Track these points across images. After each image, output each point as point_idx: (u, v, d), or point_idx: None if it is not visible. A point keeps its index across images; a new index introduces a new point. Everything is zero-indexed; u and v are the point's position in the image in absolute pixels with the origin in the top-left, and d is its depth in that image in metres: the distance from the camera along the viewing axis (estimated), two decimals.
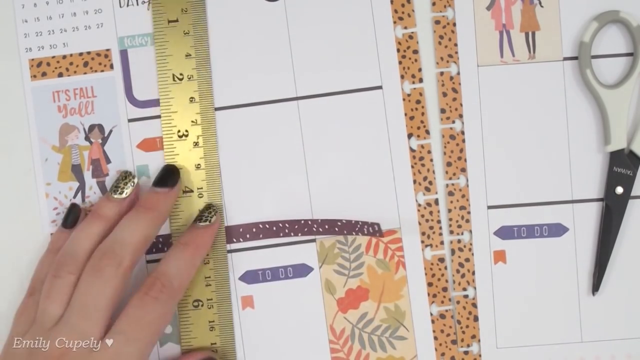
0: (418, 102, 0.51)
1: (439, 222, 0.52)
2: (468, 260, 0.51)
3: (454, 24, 0.51)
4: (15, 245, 0.52)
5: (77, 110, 0.52)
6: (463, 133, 0.51)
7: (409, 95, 0.51)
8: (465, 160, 0.51)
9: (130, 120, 0.52)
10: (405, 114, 0.51)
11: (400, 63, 0.51)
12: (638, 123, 0.51)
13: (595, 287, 0.51)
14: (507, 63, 0.51)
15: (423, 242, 0.51)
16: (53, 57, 0.52)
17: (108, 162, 0.52)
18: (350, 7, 0.51)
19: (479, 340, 0.52)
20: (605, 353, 0.51)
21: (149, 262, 0.52)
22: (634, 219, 0.51)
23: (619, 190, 0.50)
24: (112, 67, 0.52)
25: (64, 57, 0.52)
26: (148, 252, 0.51)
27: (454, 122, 0.51)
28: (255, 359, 0.52)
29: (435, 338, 0.52)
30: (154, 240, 0.51)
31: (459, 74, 0.51)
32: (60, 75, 0.52)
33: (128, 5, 0.52)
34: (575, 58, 0.51)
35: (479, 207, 0.51)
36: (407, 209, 0.51)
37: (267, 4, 0.51)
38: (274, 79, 0.51)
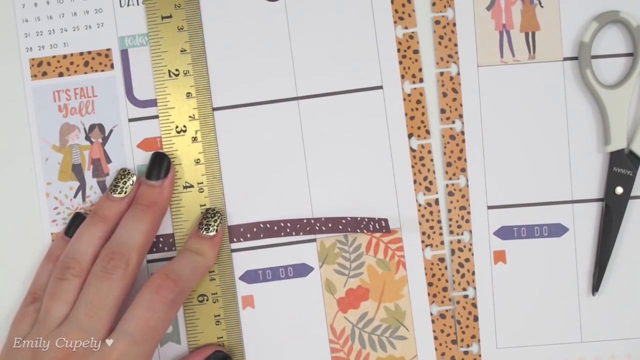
0: (418, 102, 0.51)
1: (439, 222, 0.52)
2: (468, 261, 0.51)
3: (454, 24, 0.51)
4: (16, 245, 0.52)
5: (77, 110, 0.52)
6: (463, 133, 0.51)
7: (410, 95, 0.51)
8: (465, 161, 0.51)
9: (131, 120, 0.52)
10: (406, 114, 0.51)
11: (401, 63, 0.51)
12: (638, 123, 0.51)
13: (595, 287, 0.51)
14: (507, 63, 0.51)
15: (423, 242, 0.52)
16: (53, 56, 0.52)
17: (108, 161, 0.52)
18: (351, 7, 0.51)
19: (479, 341, 0.52)
20: (605, 353, 0.51)
21: (150, 261, 0.51)
22: (634, 219, 0.51)
23: (619, 191, 0.50)
24: (112, 66, 0.52)
25: (65, 56, 0.52)
26: (148, 251, 0.51)
27: (454, 122, 0.51)
28: (256, 359, 0.52)
29: (436, 338, 0.52)
30: (154, 240, 0.51)
31: (459, 74, 0.51)
32: (61, 75, 0.52)
33: (128, 5, 0.52)
34: (575, 58, 0.51)
35: (479, 207, 0.51)
36: (407, 209, 0.51)
37: (267, 4, 0.51)
38: (275, 79, 0.51)
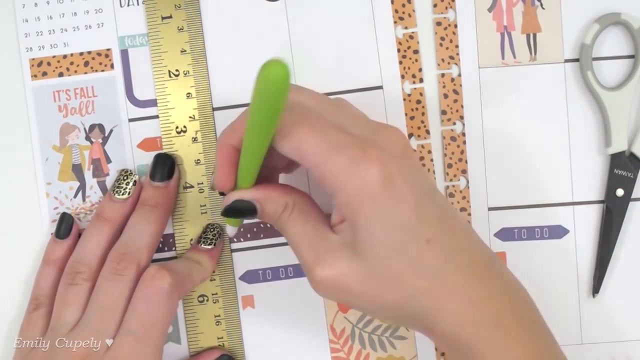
0: (418, 102, 0.51)
1: None
2: None
3: (455, 26, 0.51)
4: (16, 245, 0.52)
5: (77, 110, 0.52)
6: (464, 135, 0.51)
7: (410, 96, 0.51)
8: (466, 162, 0.51)
9: (131, 120, 0.52)
10: (406, 114, 0.51)
11: (401, 63, 0.51)
12: (639, 125, 0.51)
13: (596, 289, 0.51)
14: (508, 65, 0.51)
15: None
16: (54, 56, 0.52)
17: (108, 161, 0.52)
18: (351, 7, 0.51)
19: None
20: (605, 355, 0.51)
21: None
22: (635, 221, 0.51)
23: (620, 193, 0.50)
24: (112, 66, 0.52)
25: (65, 56, 0.52)
26: None
27: (455, 123, 0.51)
28: (256, 359, 0.52)
29: None
30: None
31: (460, 76, 0.51)
32: (61, 75, 0.52)
33: (129, 5, 0.52)
34: (577, 60, 0.51)
35: (480, 208, 0.51)
36: None
37: (267, 4, 0.51)
38: None
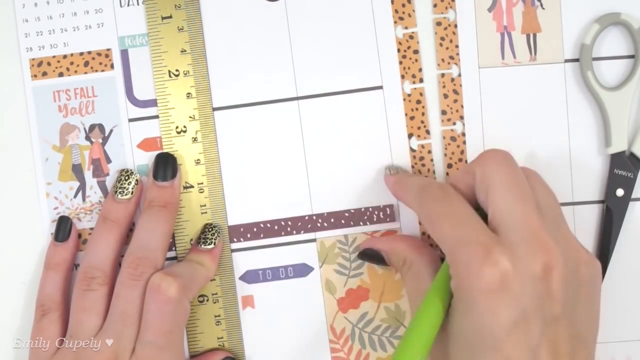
0: (418, 102, 0.51)
1: None
2: None
3: (455, 26, 0.51)
4: (16, 245, 0.52)
5: (77, 110, 0.52)
6: (464, 135, 0.51)
7: (410, 95, 0.51)
8: (466, 162, 0.51)
9: (131, 120, 0.52)
10: (406, 114, 0.51)
11: (401, 63, 0.51)
12: (639, 125, 0.51)
13: None
14: (508, 65, 0.51)
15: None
16: (54, 56, 0.52)
17: (109, 161, 0.52)
18: (351, 6, 0.51)
19: None
20: (605, 355, 0.51)
21: None
22: (635, 222, 0.51)
23: (620, 193, 0.50)
24: (112, 66, 0.52)
25: (65, 56, 0.52)
26: None
27: (455, 124, 0.51)
28: (256, 359, 0.52)
29: None
30: None
31: (460, 76, 0.51)
32: (61, 75, 0.52)
33: (129, 5, 0.52)
34: (577, 60, 0.51)
35: None
36: (407, 209, 0.51)
37: (267, 4, 0.51)
38: (274, 79, 0.51)
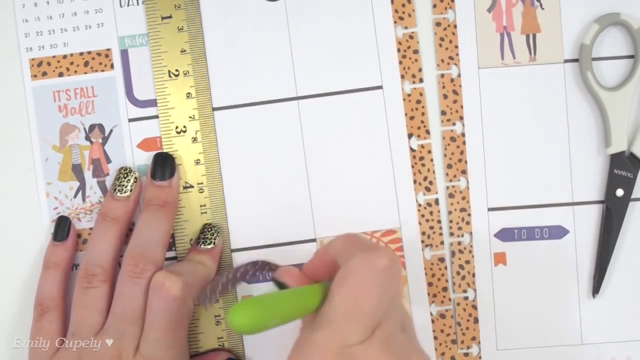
0: (418, 102, 0.51)
1: (439, 222, 0.51)
2: (468, 262, 0.51)
3: (455, 26, 0.51)
4: (16, 245, 0.52)
5: (77, 110, 0.52)
6: (464, 135, 0.51)
7: (409, 95, 0.51)
8: (466, 162, 0.51)
9: (131, 120, 0.52)
10: (406, 114, 0.51)
11: (401, 63, 0.51)
12: (638, 125, 0.51)
13: (596, 289, 0.51)
14: (507, 65, 0.51)
15: (423, 242, 0.51)
16: (53, 56, 0.52)
17: (108, 161, 0.52)
18: (351, 6, 0.51)
19: (479, 342, 0.52)
20: (606, 355, 0.51)
21: None
22: (635, 222, 0.51)
23: (620, 193, 0.50)
24: (112, 66, 0.52)
25: (65, 56, 0.52)
26: None
27: (455, 124, 0.51)
28: (256, 358, 0.52)
29: (435, 338, 0.52)
30: None
31: (460, 76, 0.51)
32: (61, 75, 0.52)
33: (129, 5, 0.52)
34: (576, 60, 0.51)
35: (480, 209, 0.51)
36: (407, 209, 0.51)
37: (267, 4, 0.51)
38: (274, 79, 0.51)
